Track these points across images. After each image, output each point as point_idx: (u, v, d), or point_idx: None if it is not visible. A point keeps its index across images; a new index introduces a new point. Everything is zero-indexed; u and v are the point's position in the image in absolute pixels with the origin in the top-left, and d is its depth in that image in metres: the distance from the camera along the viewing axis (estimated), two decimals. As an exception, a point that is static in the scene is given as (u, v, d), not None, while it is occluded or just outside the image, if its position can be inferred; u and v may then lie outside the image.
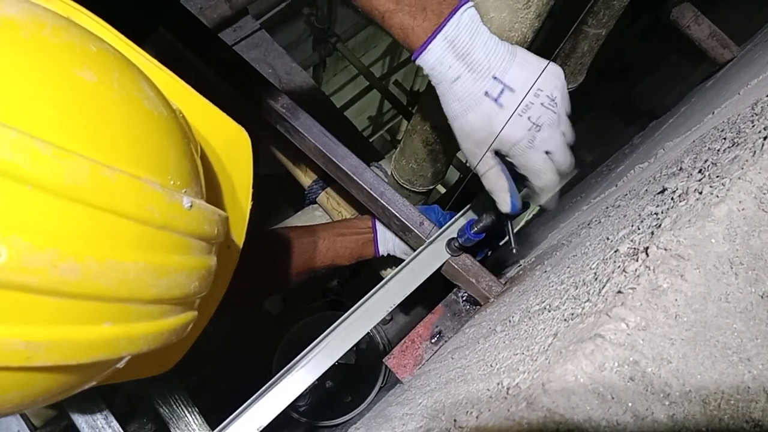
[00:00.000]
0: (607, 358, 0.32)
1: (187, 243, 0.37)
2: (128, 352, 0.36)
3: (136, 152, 0.34)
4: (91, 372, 0.37)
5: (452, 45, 0.61)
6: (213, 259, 0.41)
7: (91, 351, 0.33)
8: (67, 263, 0.29)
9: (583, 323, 0.36)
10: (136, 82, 0.38)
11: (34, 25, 0.33)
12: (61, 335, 0.31)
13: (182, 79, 0.48)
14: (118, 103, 0.34)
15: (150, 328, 0.36)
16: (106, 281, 0.31)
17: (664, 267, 0.35)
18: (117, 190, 0.31)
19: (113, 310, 0.33)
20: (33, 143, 0.28)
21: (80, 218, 0.30)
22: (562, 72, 0.63)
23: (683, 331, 0.33)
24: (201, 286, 0.39)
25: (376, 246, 1.01)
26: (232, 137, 0.52)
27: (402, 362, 0.82)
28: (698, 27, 1.31)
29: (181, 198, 0.36)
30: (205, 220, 0.38)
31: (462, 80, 0.62)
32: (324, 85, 2.81)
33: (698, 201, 0.40)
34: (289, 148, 1.18)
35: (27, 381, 0.33)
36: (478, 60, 0.61)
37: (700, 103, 1.00)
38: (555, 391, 0.31)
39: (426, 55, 0.62)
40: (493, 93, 0.61)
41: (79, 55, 0.34)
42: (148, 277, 0.34)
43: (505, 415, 0.32)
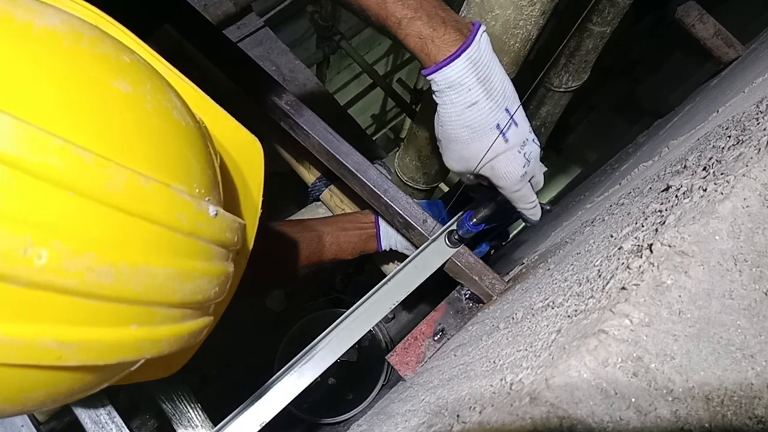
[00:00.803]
0: (611, 354, 0.32)
1: (210, 250, 0.38)
2: (151, 353, 0.37)
3: (166, 161, 0.35)
4: (112, 372, 0.38)
5: (475, 66, 0.59)
6: (231, 266, 0.42)
7: (118, 352, 0.34)
8: (103, 267, 0.31)
9: (586, 319, 0.36)
10: (166, 93, 0.39)
11: (72, 36, 0.34)
12: (91, 336, 0.32)
13: (187, 77, 0.49)
14: (151, 114, 0.36)
15: (172, 331, 0.37)
16: (137, 285, 0.33)
17: (668, 264, 0.35)
18: (150, 198, 0.33)
19: (140, 313, 0.34)
20: (77, 151, 0.29)
21: (116, 224, 0.31)
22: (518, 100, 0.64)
23: (687, 328, 0.33)
24: (220, 291, 0.41)
25: (378, 241, 1.01)
26: (246, 145, 0.53)
27: (404, 359, 0.82)
28: (703, 26, 1.30)
29: (207, 206, 0.37)
30: (228, 228, 0.39)
31: (478, 107, 0.60)
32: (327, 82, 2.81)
33: (702, 198, 0.40)
34: (292, 145, 1.18)
35: (53, 380, 0.34)
36: (495, 88, 0.60)
37: (705, 101, 0.99)
38: (558, 386, 0.31)
39: (448, 70, 0.59)
40: (503, 126, 0.60)
41: (114, 66, 0.35)
42: (174, 281, 0.35)
43: (509, 410, 0.32)
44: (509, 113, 0.61)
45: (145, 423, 1.27)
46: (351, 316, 0.79)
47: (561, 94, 1.23)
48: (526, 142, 0.62)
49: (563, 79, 1.18)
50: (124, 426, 0.80)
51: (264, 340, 1.57)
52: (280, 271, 0.95)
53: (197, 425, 0.88)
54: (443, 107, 0.62)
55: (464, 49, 0.58)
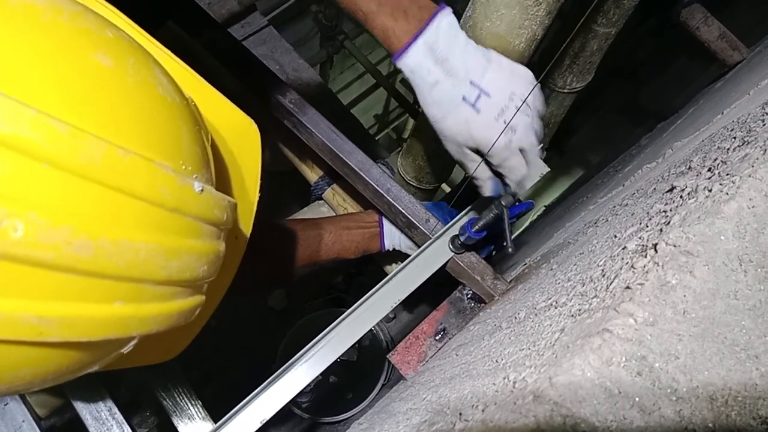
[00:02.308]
0: (615, 353, 0.32)
1: (197, 227, 0.37)
2: (138, 331, 0.36)
3: (149, 136, 0.35)
4: (101, 351, 0.38)
5: (431, 49, 0.63)
6: (221, 245, 0.41)
7: (103, 329, 0.34)
8: (81, 240, 0.30)
9: (590, 318, 0.36)
10: (151, 69, 0.38)
11: (52, 11, 0.33)
12: (73, 312, 0.32)
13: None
14: (133, 88, 0.35)
15: (160, 309, 0.37)
16: (119, 260, 0.32)
17: (673, 263, 0.35)
18: (130, 171, 0.32)
19: (124, 290, 0.34)
20: (51, 122, 0.29)
21: (95, 197, 0.31)
22: (532, 75, 0.66)
23: (691, 327, 0.33)
24: (210, 270, 0.40)
25: (381, 240, 1.01)
26: (242, 128, 0.52)
27: (406, 358, 0.82)
28: (708, 28, 1.30)
29: (192, 182, 0.36)
30: (215, 205, 0.39)
31: (440, 85, 0.64)
32: (331, 82, 2.81)
33: (708, 198, 0.39)
34: (295, 143, 1.18)
35: (38, 357, 0.34)
36: (455, 65, 0.63)
37: (709, 104, 0.99)
38: (562, 384, 0.31)
39: (405, 58, 0.64)
40: (471, 98, 0.64)
41: (95, 40, 0.35)
42: (159, 258, 0.34)
43: (512, 408, 0.32)
44: (476, 85, 0.63)
45: (146, 420, 1.27)
46: (352, 315, 0.79)
47: (565, 95, 1.23)
48: (505, 110, 0.64)
49: (567, 80, 1.18)
50: (125, 422, 0.80)
51: (265, 338, 1.57)
52: (280, 269, 0.94)
53: (197, 422, 0.88)
54: (416, 92, 0.67)
55: (419, 35, 0.63)
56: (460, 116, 0.65)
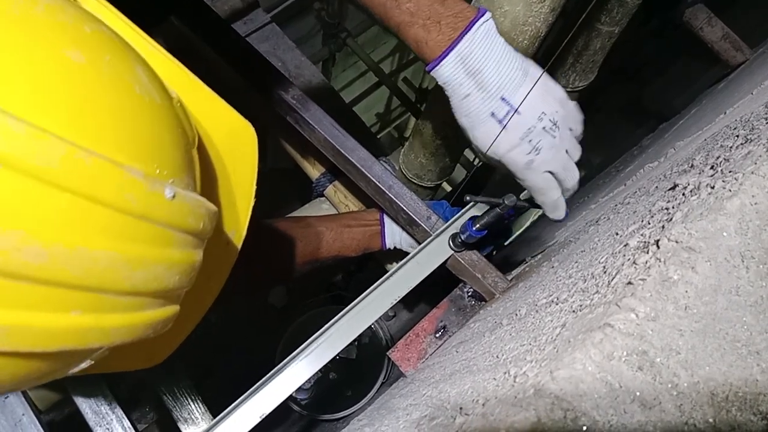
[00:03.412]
0: (616, 348, 0.32)
1: (169, 235, 0.35)
2: (99, 343, 0.34)
3: (119, 138, 0.33)
4: (62, 361, 0.36)
5: (464, 62, 0.62)
6: (198, 254, 0.39)
7: (57, 339, 0.31)
8: (32, 247, 0.28)
9: (592, 314, 0.36)
10: (130, 67, 0.36)
11: (26, 2, 0.32)
12: (23, 320, 0.29)
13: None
14: (106, 87, 0.33)
15: (123, 321, 0.34)
16: (74, 269, 0.30)
17: (675, 259, 0.35)
18: (92, 175, 0.30)
19: (82, 299, 0.31)
20: (5, 120, 0.27)
21: (50, 201, 0.29)
22: (564, 93, 0.66)
23: (693, 323, 0.33)
24: (183, 280, 0.38)
25: (383, 238, 1.00)
26: (237, 131, 0.50)
27: (406, 355, 0.82)
28: (711, 29, 1.30)
29: (163, 188, 0.34)
30: (190, 212, 0.36)
31: (471, 98, 0.63)
32: (333, 80, 2.81)
33: (710, 195, 0.39)
34: (297, 140, 1.18)
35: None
36: (488, 79, 0.62)
37: (712, 104, 0.99)
38: (563, 378, 0.31)
39: (439, 70, 0.63)
40: (499, 114, 0.63)
41: (70, 35, 0.33)
42: (122, 267, 0.32)
43: (513, 402, 0.32)
44: (507, 102, 0.63)
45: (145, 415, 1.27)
46: (352, 311, 0.79)
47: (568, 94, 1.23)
48: (532, 130, 0.63)
49: (570, 79, 1.18)
50: (125, 417, 0.80)
51: (265, 335, 1.57)
52: (280, 268, 0.94)
53: (197, 417, 0.88)
54: (449, 99, 0.66)
55: (452, 48, 0.62)
56: (488, 131, 0.64)
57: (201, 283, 0.42)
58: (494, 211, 0.73)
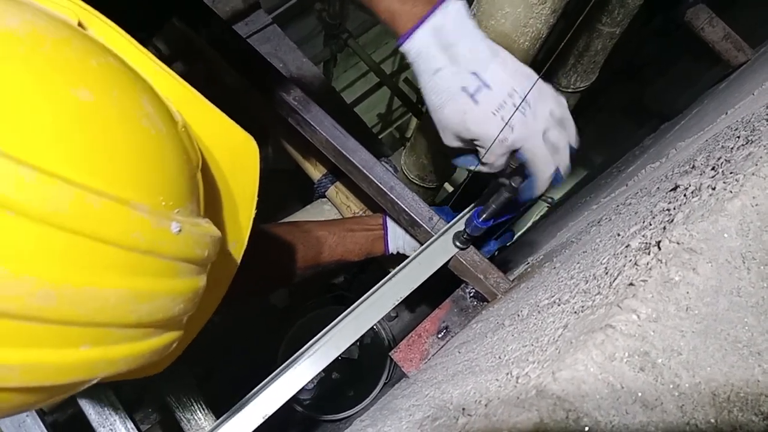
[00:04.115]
0: (618, 349, 0.32)
1: (174, 266, 0.36)
2: (107, 373, 0.35)
3: (126, 175, 0.33)
4: (68, 389, 0.36)
5: (437, 35, 0.61)
6: (202, 280, 0.39)
7: (67, 373, 0.32)
8: (44, 290, 0.29)
9: (593, 315, 0.36)
10: (137, 99, 0.36)
11: (32, 40, 0.32)
12: (35, 358, 0.30)
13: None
14: (113, 124, 0.33)
15: (130, 350, 0.35)
16: (84, 308, 0.31)
17: (677, 260, 0.35)
18: (101, 217, 0.30)
19: (91, 334, 0.32)
20: (16, 168, 0.28)
21: (60, 245, 0.29)
22: (536, 77, 0.64)
23: (694, 324, 0.33)
24: (187, 307, 0.38)
25: (386, 243, 1.00)
26: (239, 144, 0.50)
27: (408, 356, 0.82)
28: (712, 29, 1.30)
29: (169, 223, 0.34)
30: (195, 243, 0.37)
31: (442, 72, 0.62)
32: (334, 81, 2.81)
33: (711, 196, 0.40)
34: (299, 141, 1.19)
35: (2, 398, 0.33)
36: (460, 53, 0.62)
37: (713, 104, 0.99)
38: (565, 379, 0.31)
39: (411, 42, 0.62)
40: (470, 88, 0.62)
41: (77, 72, 0.33)
42: (129, 303, 0.33)
43: (515, 403, 0.32)
44: (478, 76, 0.62)
45: (148, 416, 1.28)
46: (355, 311, 0.79)
47: (569, 94, 1.23)
48: (503, 106, 0.62)
49: (571, 80, 1.18)
50: (128, 418, 0.81)
51: (267, 335, 1.57)
52: (282, 272, 0.94)
53: (200, 418, 0.89)
54: (418, 77, 0.65)
55: (426, 18, 0.61)
56: (458, 106, 0.63)
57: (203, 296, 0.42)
58: (500, 198, 0.73)
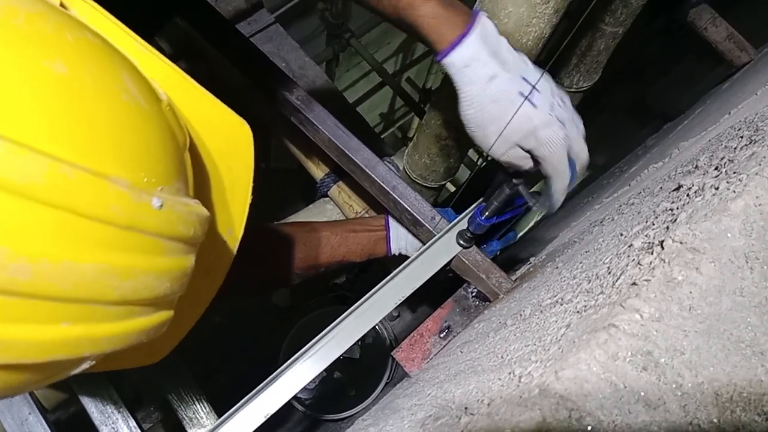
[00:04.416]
0: (621, 348, 0.32)
1: (158, 243, 0.35)
2: (90, 352, 0.34)
3: (104, 148, 0.32)
4: (53, 370, 0.36)
5: (486, 41, 0.59)
6: (190, 260, 0.39)
7: (48, 350, 0.32)
8: (18, 263, 0.28)
9: (596, 314, 0.36)
10: (115, 74, 0.36)
11: (4, 12, 0.31)
12: (13, 334, 0.30)
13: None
14: (89, 97, 0.33)
15: (114, 329, 0.35)
16: (61, 282, 0.30)
17: (680, 260, 0.35)
18: (76, 189, 0.30)
19: (71, 311, 0.32)
20: None
21: (34, 217, 0.29)
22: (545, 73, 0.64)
23: (697, 324, 0.33)
24: (174, 286, 0.38)
25: (388, 244, 1.00)
26: (232, 130, 0.49)
27: (410, 356, 0.83)
28: (715, 29, 1.30)
29: (149, 198, 0.34)
30: (179, 220, 0.36)
31: (498, 79, 0.60)
32: (336, 80, 2.82)
33: (714, 196, 0.40)
34: (302, 140, 1.19)
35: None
36: (507, 59, 0.60)
37: (716, 104, 0.99)
38: (568, 378, 0.31)
39: (462, 48, 0.60)
40: (526, 93, 0.60)
41: (51, 45, 0.32)
42: (110, 278, 0.32)
43: (518, 402, 0.32)
44: (527, 81, 0.61)
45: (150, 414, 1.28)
46: (357, 311, 0.79)
47: (572, 94, 1.23)
48: (553, 106, 0.61)
49: (574, 80, 1.18)
50: (130, 416, 0.81)
51: (269, 335, 1.58)
52: (285, 271, 0.94)
53: (202, 417, 0.89)
54: (465, 88, 0.62)
55: (474, 25, 0.59)
56: (522, 111, 0.60)
57: (197, 282, 0.42)
58: (501, 195, 0.72)
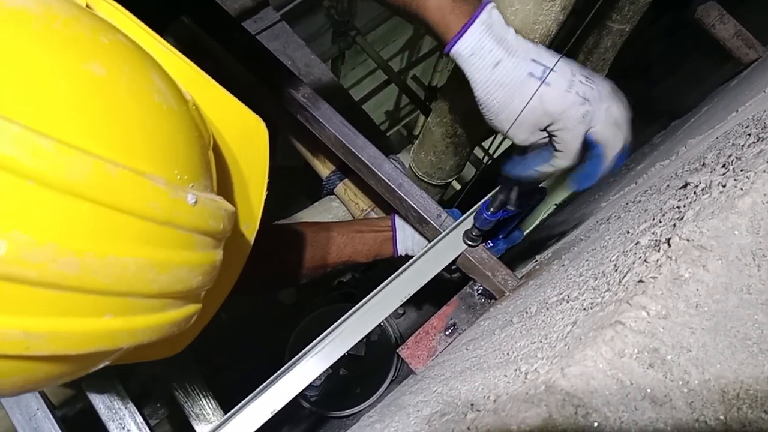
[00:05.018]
0: (627, 345, 0.32)
1: (191, 238, 0.37)
2: (128, 343, 0.36)
3: (141, 147, 0.34)
4: (92, 360, 0.38)
5: (491, 29, 0.61)
6: (219, 254, 0.41)
7: (91, 342, 0.33)
8: (66, 258, 0.30)
9: (603, 311, 0.36)
10: (147, 75, 0.37)
11: (45, 17, 0.32)
12: (60, 327, 0.31)
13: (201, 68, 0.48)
14: (126, 97, 0.34)
15: (150, 321, 0.36)
16: (105, 276, 0.32)
17: (686, 257, 0.35)
18: (119, 187, 0.31)
19: (113, 304, 0.33)
20: (36, 138, 0.28)
21: (81, 214, 0.30)
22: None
23: (704, 321, 0.33)
24: (204, 280, 0.39)
25: (394, 245, 0.99)
26: (249, 127, 0.51)
27: (416, 353, 0.83)
28: (723, 26, 1.29)
29: (185, 194, 0.35)
30: (210, 215, 0.38)
31: (504, 64, 0.61)
32: (342, 78, 2.82)
33: (722, 194, 0.39)
34: (308, 138, 1.19)
35: (27, 368, 0.34)
36: (513, 44, 0.61)
37: (724, 102, 0.99)
38: (574, 375, 0.31)
39: (467, 37, 0.62)
40: (537, 73, 0.61)
41: (89, 48, 0.34)
42: (149, 272, 0.34)
43: (524, 398, 0.33)
44: (538, 62, 0.61)
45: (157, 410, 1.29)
46: (364, 307, 0.79)
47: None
48: (573, 83, 0.60)
49: (580, 78, 1.18)
50: (137, 412, 0.81)
51: (275, 332, 1.58)
52: (292, 270, 0.94)
53: (209, 413, 0.89)
54: (474, 77, 0.63)
55: (478, 15, 0.61)
56: (530, 92, 0.61)
57: (218, 275, 0.44)
58: (507, 188, 0.72)
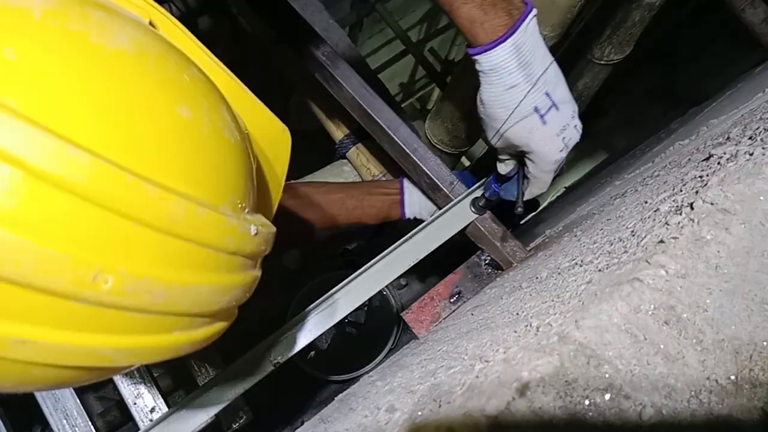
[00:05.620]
0: (644, 301, 0.32)
1: (248, 263, 0.41)
2: (186, 352, 0.40)
3: (220, 185, 0.38)
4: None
5: (518, 52, 0.60)
6: (260, 270, 0.45)
7: (160, 354, 0.38)
8: (159, 289, 0.34)
9: (620, 270, 0.36)
10: (219, 111, 0.40)
11: (140, 59, 0.36)
12: (140, 343, 0.36)
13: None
14: (207, 138, 0.38)
15: (207, 332, 0.41)
16: (185, 301, 0.36)
17: (709, 220, 0.35)
18: (204, 225, 0.35)
19: (183, 321, 0.38)
20: (145, 186, 0.32)
21: (174, 250, 0.34)
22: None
23: (722, 283, 0.33)
24: (248, 294, 0.44)
25: (402, 208, 1.00)
26: (277, 135, 0.54)
27: (419, 318, 0.83)
28: (753, 11, 1.26)
29: (249, 227, 0.40)
30: (264, 241, 0.42)
31: (517, 89, 0.61)
32: (359, 46, 2.78)
33: (748, 161, 0.39)
34: (324, 100, 1.18)
35: (99, 375, 0.40)
36: (536, 72, 0.61)
37: (749, 86, 0.97)
38: (588, 327, 0.31)
39: (491, 55, 0.61)
40: (542, 109, 0.62)
41: (177, 89, 0.37)
42: (218, 295, 0.38)
43: (536, 348, 0.33)
44: (549, 97, 0.62)
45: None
46: (371, 270, 0.80)
47: (601, 66, 1.20)
48: (566, 128, 0.63)
49: (605, 51, 1.15)
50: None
51: (278, 295, 1.59)
52: (300, 230, 0.95)
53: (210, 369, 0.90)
54: (485, 87, 0.64)
55: (510, 35, 0.60)
56: (526, 125, 0.63)
57: None
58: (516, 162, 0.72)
